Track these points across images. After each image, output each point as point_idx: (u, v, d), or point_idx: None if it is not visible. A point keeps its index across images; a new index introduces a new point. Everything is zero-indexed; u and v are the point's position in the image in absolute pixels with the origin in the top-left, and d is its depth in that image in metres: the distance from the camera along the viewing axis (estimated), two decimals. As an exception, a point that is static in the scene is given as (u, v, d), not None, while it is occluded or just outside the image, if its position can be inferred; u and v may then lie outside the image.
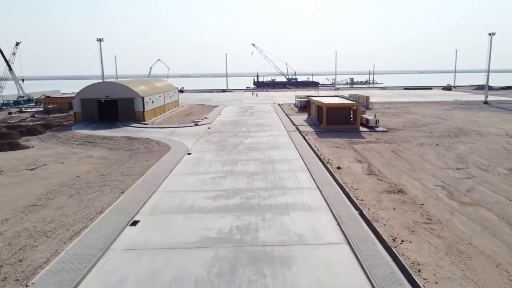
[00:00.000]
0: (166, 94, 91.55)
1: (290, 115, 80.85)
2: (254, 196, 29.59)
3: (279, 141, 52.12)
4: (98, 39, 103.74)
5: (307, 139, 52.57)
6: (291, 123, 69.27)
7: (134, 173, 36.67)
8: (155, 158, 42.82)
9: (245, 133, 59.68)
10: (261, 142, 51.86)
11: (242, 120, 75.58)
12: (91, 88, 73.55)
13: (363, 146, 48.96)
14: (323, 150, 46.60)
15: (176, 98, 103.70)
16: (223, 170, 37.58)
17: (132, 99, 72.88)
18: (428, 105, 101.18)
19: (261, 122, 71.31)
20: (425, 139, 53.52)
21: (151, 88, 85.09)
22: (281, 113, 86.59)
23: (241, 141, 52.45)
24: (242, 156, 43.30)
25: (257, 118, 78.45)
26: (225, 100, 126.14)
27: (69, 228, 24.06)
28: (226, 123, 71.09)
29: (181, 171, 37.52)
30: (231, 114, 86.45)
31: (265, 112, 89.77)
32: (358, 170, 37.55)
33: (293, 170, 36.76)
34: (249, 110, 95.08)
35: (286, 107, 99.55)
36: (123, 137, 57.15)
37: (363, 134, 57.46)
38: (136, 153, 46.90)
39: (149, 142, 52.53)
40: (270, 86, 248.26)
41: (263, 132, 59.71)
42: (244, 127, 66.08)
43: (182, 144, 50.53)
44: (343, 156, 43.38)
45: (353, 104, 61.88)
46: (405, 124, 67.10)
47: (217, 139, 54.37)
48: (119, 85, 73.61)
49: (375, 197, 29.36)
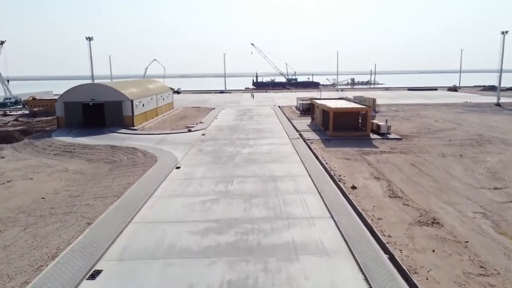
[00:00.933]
0: (159, 97, 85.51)
1: (292, 119, 74.87)
2: (253, 230, 23.59)
3: (282, 151, 46.13)
4: (88, 37, 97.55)
5: (313, 149, 46.57)
6: (293, 129, 63.27)
7: (109, 195, 30.65)
8: (138, 174, 36.79)
9: (243, 140, 53.68)
10: (261, 152, 45.86)
11: (240, 125, 69.56)
12: (76, 90, 67.49)
13: (377, 158, 42.98)
14: (332, 162, 40.61)
15: (170, 100, 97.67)
16: (216, 190, 31.57)
17: (120, 102, 66.83)
18: (438, 108, 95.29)
19: (261, 128, 65.31)
20: (445, 148, 47.57)
21: (143, 90, 79.05)
22: (282, 116, 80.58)
23: (238, 151, 46.46)
24: (239, 171, 37.29)
25: (257, 122, 72.44)
26: (222, 102, 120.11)
27: (5, 284, 18.04)
28: (223, 129, 65.07)
29: (166, 191, 31.49)
30: (229, 117, 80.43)
31: (265, 115, 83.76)
32: (377, 190, 31.57)
33: (300, 192, 30.75)
34: (247, 113, 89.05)
35: (287, 110, 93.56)
36: (106, 146, 51.09)
37: (374, 142, 51.49)
38: (117, 167, 40.86)
39: (134, 153, 46.50)
40: (270, 86, 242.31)
41: (263, 140, 53.70)
42: (242, 133, 60.07)
43: (171, 155, 44.49)
44: (356, 171, 37.38)
45: (362, 108, 55.90)
46: (419, 130, 61.15)
47: (212, 149, 48.35)
48: (106, 87, 67.59)
49: (405, 232, 23.38)
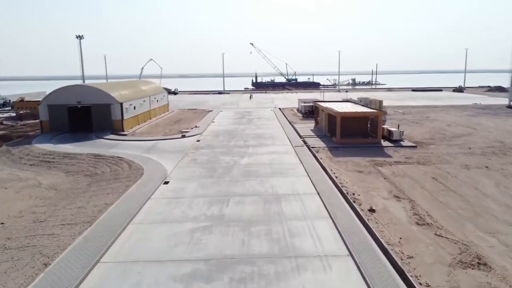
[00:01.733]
0: (152, 98, 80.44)
1: (294, 123, 69.84)
2: (252, 275, 18.54)
3: (285, 161, 41.09)
4: (78, 36, 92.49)
5: (320, 159, 41.53)
6: (296, 134, 58.23)
7: (80, 220, 25.60)
8: (119, 191, 31.74)
9: (241, 148, 48.63)
10: (262, 162, 40.81)
11: (238, 129, 64.51)
12: (61, 92, 62.39)
13: (393, 170, 37.96)
14: (342, 176, 35.56)
15: (165, 102, 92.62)
16: (208, 214, 26.52)
17: (109, 105, 61.75)
18: (447, 110, 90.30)
19: (261, 133, 60.26)
20: (467, 158, 42.57)
21: (134, 91, 73.98)
22: (283, 120, 75.55)
23: (235, 162, 41.40)
24: (237, 188, 32.23)
25: (256, 127, 67.40)
26: (220, 104, 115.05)
27: None
28: (219, 134, 60.02)
29: (149, 215, 26.45)
30: (226, 121, 75.39)
31: (265, 118, 78.71)
32: (400, 214, 26.54)
33: (309, 216, 25.70)
34: (246, 116, 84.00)
35: (289, 113, 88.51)
36: (89, 154, 45.99)
37: (387, 150, 46.47)
38: (97, 181, 35.78)
39: (119, 163, 41.42)
40: (269, 87, 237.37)
41: (263, 148, 48.65)
42: (240, 139, 55.03)
43: (160, 166, 39.42)
44: (372, 187, 32.35)
45: (374, 113, 50.85)
46: (432, 136, 56.16)
47: (206, 158, 43.30)
48: (94, 88, 62.50)
49: (447, 278, 18.32)
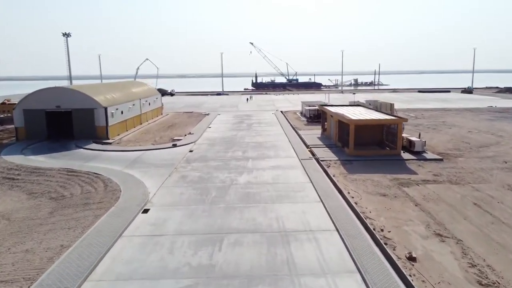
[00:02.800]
0: (143, 101, 73.85)
1: (299, 129, 63.25)
2: None
3: (291, 180, 34.50)
4: (64, 33, 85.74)
5: (332, 176, 34.94)
6: (302, 143, 51.68)
7: (20, 275, 19.00)
8: (85, 224, 25.16)
9: (239, 161, 42.06)
10: (264, 181, 34.24)
11: (237, 137, 57.90)
12: (38, 96, 55.75)
13: (422, 192, 31.37)
14: (363, 201, 28.95)
15: (159, 105, 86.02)
16: (194, 263, 19.92)
17: (92, 110, 55.14)
18: (462, 114, 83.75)
19: (262, 141, 53.66)
20: (506, 174, 35.98)
21: (123, 94, 67.40)
22: (287, 125, 68.98)
23: (233, 180, 34.80)
24: (233, 220, 25.63)
25: (257, 133, 60.79)
26: (218, 106, 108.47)
27: None
28: (216, 143, 53.44)
29: (115, 266, 19.84)
30: (224, 126, 68.81)
31: (266, 123, 72.13)
32: (451, 264, 19.92)
33: (329, 270, 19.06)
34: (246, 120, 77.41)
35: (292, 116, 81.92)
36: (62, 169, 39.36)
37: (409, 165, 39.88)
38: (62, 207, 29.14)
39: (94, 182, 34.80)
40: (270, 87, 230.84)
41: (265, 161, 42.06)
42: (239, 149, 48.46)
43: (142, 186, 32.83)
44: (403, 219, 25.73)
45: (394, 120, 44.15)
46: (456, 145, 49.58)
47: (198, 175, 36.70)
48: (75, 91, 55.85)
49: None
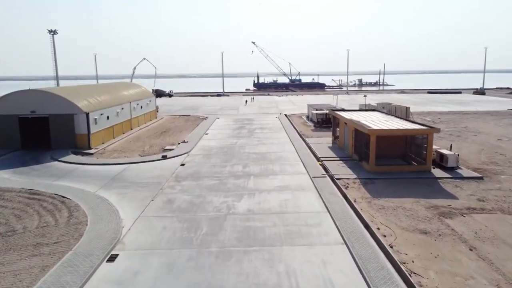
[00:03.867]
0: (134, 105, 67.11)
1: (306, 137, 56.40)
2: None
3: (303, 208, 27.67)
4: (50, 30, 79.05)
5: (354, 202, 28.12)
6: (311, 154, 44.88)
7: None
8: (26, 280, 18.40)
9: (239, 179, 35.26)
10: (269, 210, 27.43)
11: (236, 146, 51.10)
12: (10, 100, 49.02)
13: (471, 225, 24.50)
14: (399, 243, 22.07)
15: (152, 108, 79.29)
16: None
17: (71, 116, 48.45)
18: (483, 118, 76.79)
19: (266, 152, 46.85)
20: None
21: (111, 97, 60.70)
22: (292, 131, 62.14)
23: (230, 207, 28.00)
24: (228, 275, 18.75)
25: (259, 141, 53.97)
26: (218, 109, 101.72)
27: None
28: (212, 153, 46.66)
29: None
30: (222, 133, 62.00)
31: (270, 129, 65.31)
32: None
33: None
34: (247, 125, 70.61)
35: (297, 121, 75.10)
36: (24, 190, 32.59)
37: (443, 184, 33.00)
38: (7, 249, 22.30)
39: (58, 209, 28.03)
40: (272, 88, 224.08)
41: (270, 179, 35.23)
42: (239, 162, 41.68)
43: (115, 216, 26.05)
44: (461, 274, 18.82)
45: (422, 131, 37.15)
46: (491, 157, 42.67)
47: (188, 199, 29.92)
48: (52, 95, 49.06)
49: None
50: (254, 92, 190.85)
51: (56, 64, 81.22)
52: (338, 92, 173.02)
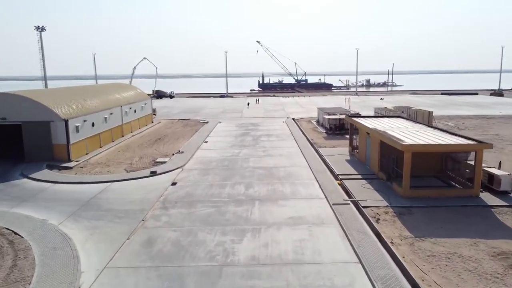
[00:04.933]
0: (126, 109, 60.52)
1: (319, 145, 49.45)
2: None
3: (325, 256, 20.73)
4: (37, 27, 72.60)
5: (390, 243, 21.19)
6: (326, 169, 37.99)
7: None
8: None
9: (241, 205, 28.44)
10: (280, 259, 20.54)
11: (239, 158, 44.30)
12: (-22, 104, 42.52)
13: (562, 287, 17.52)
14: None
15: (148, 112, 72.67)
16: None
17: (47, 123, 41.91)
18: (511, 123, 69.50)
19: (273, 166, 40.00)
20: None
21: (99, 101, 54.13)
22: (302, 139, 55.22)
23: (228, 254, 21.14)
24: None
25: (265, 152, 47.11)
26: (220, 112, 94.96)
27: None
28: (210, 167, 39.88)
29: None
30: (224, 141, 55.22)
31: (277, 136, 58.43)
32: None
33: None
34: (252, 131, 63.78)
35: (306, 126, 68.20)
36: (-30, 222, 26.00)
37: (501, 216, 25.94)
38: None
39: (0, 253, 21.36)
40: (277, 88, 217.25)
41: (279, 206, 28.37)
42: (241, 180, 34.86)
43: (72, 267, 19.31)
44: None
45: (468, 146, 30.03)
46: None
47: (174, 238, 23.12)
48: (25, 99, 42.44)
49: None
50: (259, 93, 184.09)
51: (44, 64, 74.87)
52: (346, 93, 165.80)
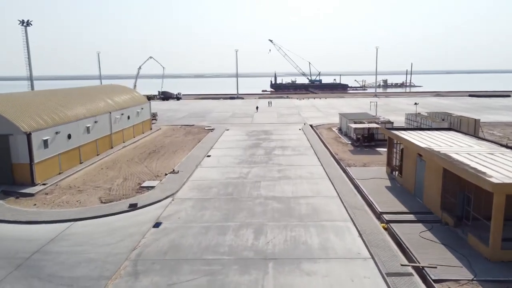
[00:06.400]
0: (117, 115, 51.77)
1: (347, 163, 39.79)
2: None
3: None
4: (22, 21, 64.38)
5: None
6: (363, 202, 28.50)
7: None
8: None
9: (248, 273, 19.18)
10: None
11: (247, 181, 34.96)
12: None
13: None
14: None
15: (146, 118, 63.88)
16: None
17: (5, 137, 33.26)
18: None
19: (292, 196, 30.58)
20: None
21: (82, 108, 45.46)
22: (324, 153, 45.70)
23: None
24: None
25: (281, 173, 37.68)
26: (229, 115, 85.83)
27: None
28: (209, 198, 30.65)
29: None
30: (230, 155, 46.00)
31: (294, 149, 48.98)
32: None
33: None
34: (264, 141, 54.45)
35: (327, 135, 58.58)
36: None
37: None
38: None
39: None
40: (290, 89, 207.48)
41: (304, 273, 18.99)
42: (249, 222, 25.57)
43: None
44: None
45: None
46: None
47: None
48: (-20, 106, 33.88)
49: None
50: (271, 94, 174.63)
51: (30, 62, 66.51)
52: (365, 95, 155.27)
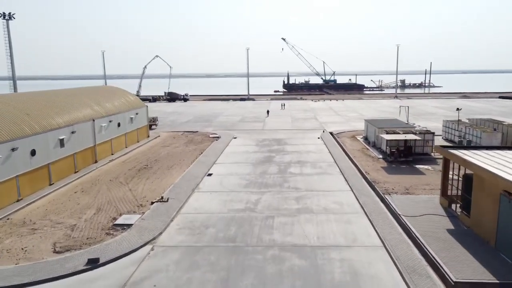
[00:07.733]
0: (104, 123, 43.78)
1: (384, 189, 31.02)
2: None
3: None
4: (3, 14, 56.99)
5: None
6: (418, 253, 19.76)
7: None
8: None
9: None
10: None
11: (255, 217, 26.40)
12: None
13: None
14: None
15: (142, 124, 55.81)
16: None
17: None
18: None
19: (317, 245, 21.97)
20: None
21: (56, 116, 37.54)
22: (351, 170, 36.92)
23: None
24: None
25: (299, 202, 29.05)
26: (238, 120, 77.42)
27: None
28: (202, 247, 22.18)
29: None
30: (235, 173, 37.50)
31: (313, 165, 40.27)
32: None
33: None
34: (277, 154, 45.85)
35: (352, 146, 49.72)
36: None
37: None
38: None
39: None
40: (304, 89, 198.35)
41: None
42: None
43: None
44: None
45: None
46: None
47: None
48: None
49: None
50: (283, 95, 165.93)
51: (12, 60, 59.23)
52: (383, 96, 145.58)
